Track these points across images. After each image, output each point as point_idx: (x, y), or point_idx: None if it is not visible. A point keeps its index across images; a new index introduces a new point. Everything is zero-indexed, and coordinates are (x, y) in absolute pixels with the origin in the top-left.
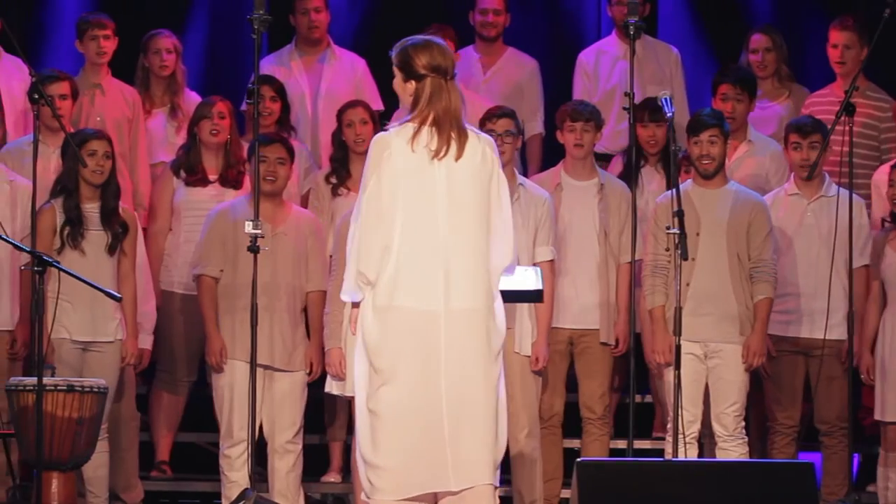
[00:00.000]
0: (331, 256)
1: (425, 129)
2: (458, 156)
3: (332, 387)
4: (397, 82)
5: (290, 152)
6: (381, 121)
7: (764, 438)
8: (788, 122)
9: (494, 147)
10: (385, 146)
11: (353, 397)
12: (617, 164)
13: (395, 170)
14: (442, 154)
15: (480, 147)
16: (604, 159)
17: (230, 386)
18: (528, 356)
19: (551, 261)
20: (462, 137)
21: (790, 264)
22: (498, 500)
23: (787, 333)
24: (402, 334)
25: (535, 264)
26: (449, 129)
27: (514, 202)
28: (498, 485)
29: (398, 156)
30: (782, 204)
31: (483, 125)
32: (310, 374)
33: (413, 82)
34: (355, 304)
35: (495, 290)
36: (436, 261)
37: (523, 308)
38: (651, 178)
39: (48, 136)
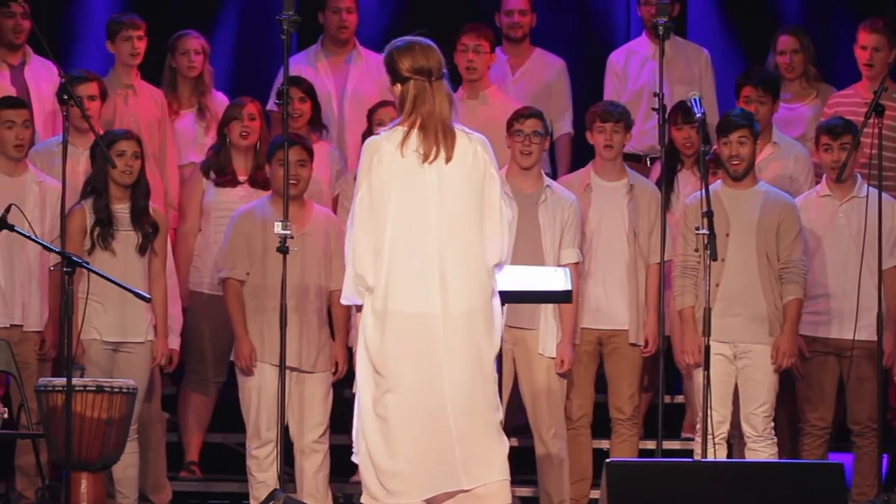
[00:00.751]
0: None
1: (414, 133)
2: (448, 158)
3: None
4: (389, 86)
5: (310, 153)
6: None
7: (795, 439)
8: (819, 123)
9: (487, 145)
10: (375, 150)
11: None
12: (655, 170)
13: (385, 174)
14: (431, 158)
15: (472, 147)
16: (632, 159)
17: (258, 387)
18: (553, 358)
19: (577, 263)
20: (449, 139)
21: (822, 265)
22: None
23: (820, 334)
24: (400, 338)
25: (561, 266)
26: (435, 132)
27: (540, 204)
28: (510, 478)
29: (388, 160)
30: (814, 205)
31: (511, 126)
32: (335, 373)
33: (399, 85)
34: (359, 309)
35: (489, 290)
36: (429, 264)
37: (547, 309)
38: (687, 181)
39: (76, 137)
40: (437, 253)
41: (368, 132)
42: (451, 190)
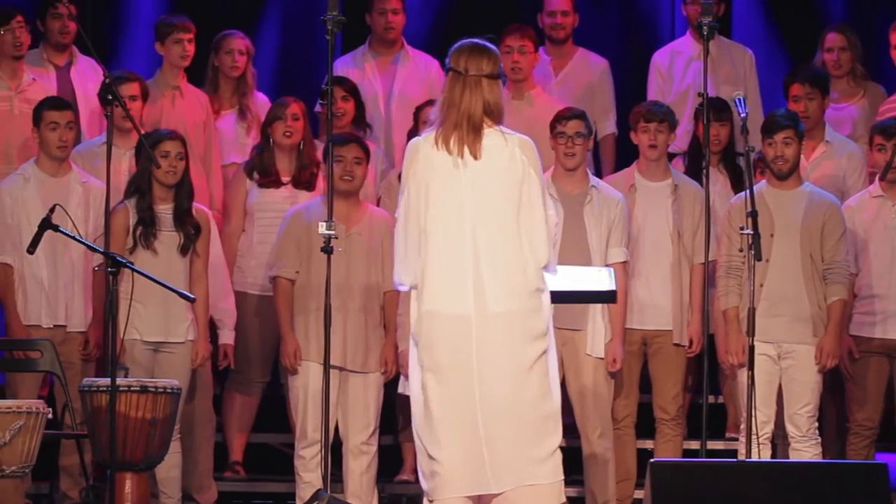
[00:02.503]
0: None
1: (442, 131)
2: (474, 156)
3: (405, 387)
4: None
5: (366, 151)
6: None
7: (842, 439)
8: (874, 123)
9: (529, 147)
10: (415, 151)
11: None
12: (678, 166)
13: (421, 174)
14: (458, 154)
15: (509, 148)
16: (668, 158)
17: (305, 387)
18: (601, 358)
19: (624, 262)
20: (471, 137)
21: (872, 266)
22: (562, 498)
23: (868, 334)
24: (436, 338)
25: (607, 266)
26: (458, 129)
27: (585, 204)
28: (548, 481)
29: (424, 160)
30: (867, 206)
31: (553, 128)
32: (384, 373)
33: (446, 77)
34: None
35: (535, 289)
36: (464, 264)
37: (595, 310)
38: (715, 179)
39: (119, 138)
40: (471, 253)
41: (414, 131)
42: (485, 190)
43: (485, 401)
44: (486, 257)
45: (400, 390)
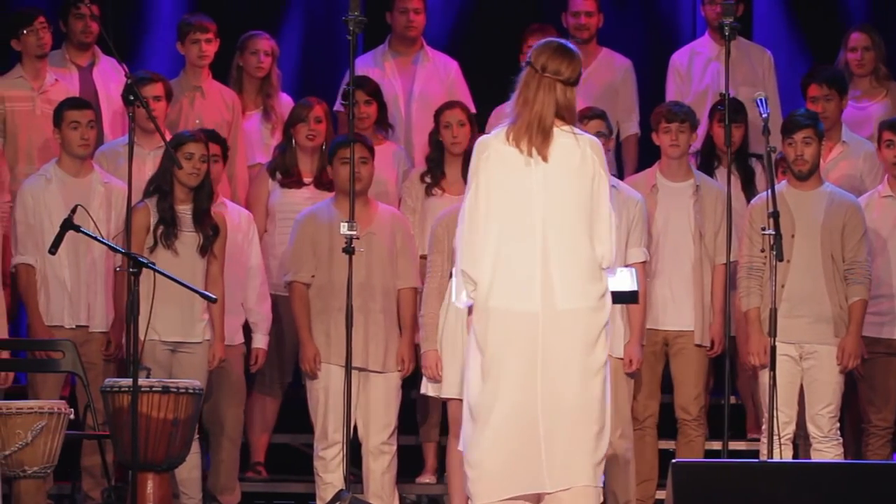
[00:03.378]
0: (423, 257)
1: (514, 130)
2: (545, 156)
3: (427, 388)
4: None
5: (371, 150)
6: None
7: (859, 440)
8: (882, 120)
9: (598, 147)
10: (484, 148)
11: (448, 399)
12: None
13: (492, 172)
14: (528, 153)
15: (580, 148)
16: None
17: (325, 388)
18: (620, 358)
19: (644, 262)
20: (541, 137)
21: (884, 266)
22: (599, 501)
23: (881, 335)
24: (500, 335)
25: (627, 266)
26: (529, 129)
27: None
28: (599, 485)
29: (496, 158)
30: (876, 206)
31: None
32: (400, 371)
33: (523, 70)
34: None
35: (601, 289)
36: (533, 262)
37: (615, 309)
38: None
39: (142, 138)
40: (541, 251)
41: (435, 133)
42: (556, 189)
43: (547, 399)
44: (555, 256)
45: (422, 391)
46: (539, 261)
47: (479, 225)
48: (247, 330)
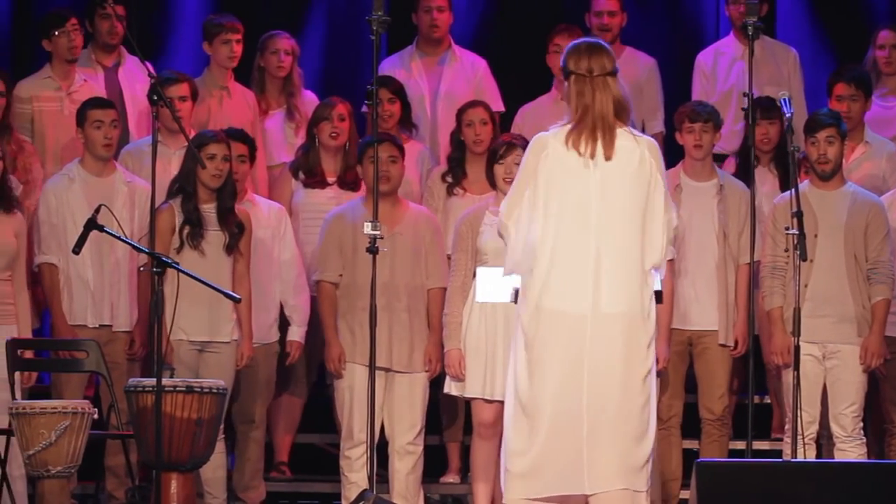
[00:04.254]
0: (448, 257)
1: (575, 130)
2: (607, 157)
3: (451, 387)
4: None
5: (401, 150)
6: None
7: (882, 440)
8: None
9: (656, 149)
10: (543, 146)
11: (472, 399)
12: (730, 166)
13: (550, 171)
14: (588, 155)
15: (639, 150)
16: (718, 159)
17: (350, 388)
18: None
19: (670, 260)
20: (608, 137)
21: None
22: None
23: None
24: (550, 335)
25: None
26: (593, 128)
27: None
28: (642, 489)
29: (554, 157)
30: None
31: None
32: (427, 371)
33: (566, 82)
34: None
35: (649, 293)
36: (586, 263)
37: None
38: (764, 178)
39: (167, 138)
40: (594, 253)
41: (457, 132)
42: (613, 190)
43: (592, 401)
44: (608, 259)
45: (445, 390)
46: (592, 264)
47: (538, 224)
48: (282, 327)
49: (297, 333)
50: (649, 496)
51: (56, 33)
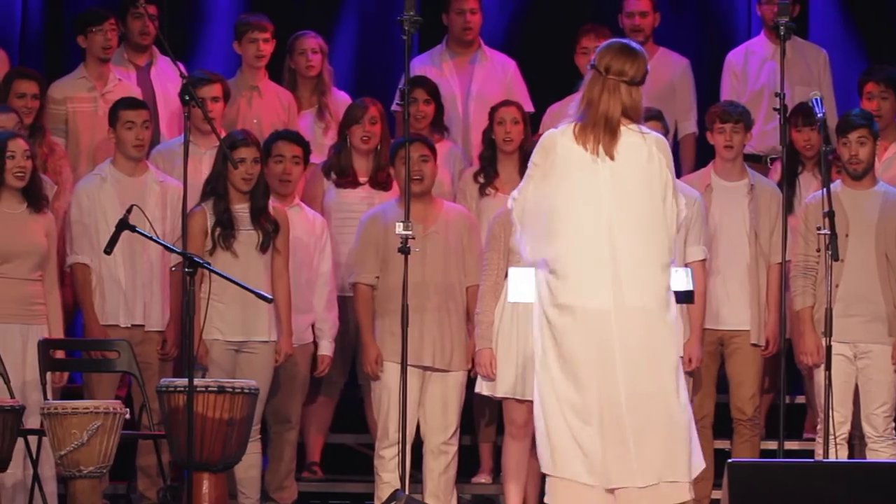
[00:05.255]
0: None
1: (583, 126)
2: (611, 154)
3: (482, 387)
4: None
5: (432, 149)
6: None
7: None
8: None
9: (665, 146)
10: (552, 143)
11: (503, 398)
12: (776, 172)
13: (560, 167)
14: (595, 152)
15: (647, 147)
16: (752, 160)
17: (387, 388)
18: (680, 356)
19: (703, 260)
20: (608, 136)
21: None
22: (691, 496)
23: None
24: (576, 332)
25: (686, 264)
26: (594, 127)
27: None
28: (686, 479)
29: (563, 153)
30: None
31: None
32: (471, 370)
33: (589, 71)
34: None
35: (667, 286)
36: (602, 260)
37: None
38: (809, 184)
39: (199, 138)
40: (609, 249)
41: (489, 130)
42: (624, 186)
43: (630, 395)
44: (624, 253)
45: (477, 390)
46: (608, 259)
47: (553, 222)
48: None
49: (327, 348)
50: (692, 490)
51: (93, 30)
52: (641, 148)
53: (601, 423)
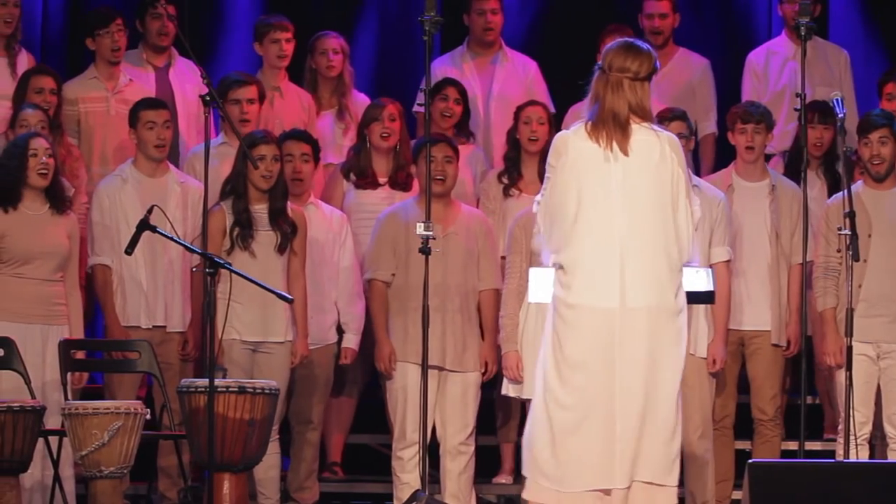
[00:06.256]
0: (503, 258)
1: (594, 125)
2: (625, 152)
3: (508, 389)
4: None
5: (456, 150)
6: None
7: None
8: None
9: (677, 144)
10: (563, 144)
11: (530, 400)
12: (777, 166)
13: (570, 167)
14: (609, 149)
15: (659, 145)
16: (768, 159)
17: (403, 388)
18: (704, 357)
19: (727, 261)
20: (619, 134)
21: None
22: (675, 501)
23: None
24: (580, 331)
25: (711, 265)
26: (605, 126)
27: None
28: (672, 484)
29: (576, 152)
30: None
31: None
32: (484, 374)
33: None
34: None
35: (676, 286)
36: (611, 258)
37: (699, 309)
38: (812, 183)
39: (234, 139)
40: (619, 248)
41: (514, 130)
42: (636, 185)
43: (623, 397)
44: (633, 252)
45: (503, 392)
46: (618, 257)
47: (566, 221)
48: (340, 329)
49: (352, 341)
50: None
51: (100, 33)
52: (654, 146)
53: (590, 426)
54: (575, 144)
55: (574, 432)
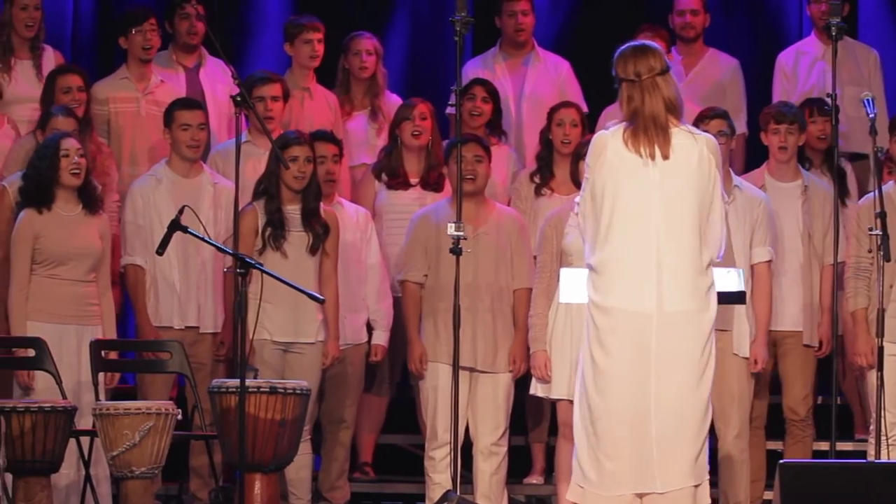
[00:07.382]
0: (534, 257)
1: (633, 131)
2: (665, 156)
3: (536, 389)
4: None
5: (487, 150)
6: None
7: None
8: None
9: (714, 146)
10: (602, 146)
11: (557, 400)
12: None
13: (609, 170)
14: (646, 156)
15: (697, 148)
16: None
17: (434, 388)
18: (746, 358)
19: (769, 261)
20: (661, 137)
21: None
22: (706, 499)
23: None
24: (616, 335)
25: (752, 266)
26: (645, 130)
27: (729, 203)
28: (703, 479)
29: (612, 156)
30: None
31: (696, 127)
32: (512, 371)
33: (619, 88)
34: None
35: (708, 289)
36: (648, 262)
37: (741, 310)
38: (819, 179)
39: (258, 138)
40: (655, 252)
41: (546, 131)
42: (673, 189)
43: (659, 401)
44: (668, 257)
45: (531, 392)
46: (654, 262)
47: (602, 223)
48: (370, 327)
49: (381, 338)
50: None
51: (133, 31)
52: (693, 149)
53: (630, 429)
54: (613, 146)
55: (611, 436)
